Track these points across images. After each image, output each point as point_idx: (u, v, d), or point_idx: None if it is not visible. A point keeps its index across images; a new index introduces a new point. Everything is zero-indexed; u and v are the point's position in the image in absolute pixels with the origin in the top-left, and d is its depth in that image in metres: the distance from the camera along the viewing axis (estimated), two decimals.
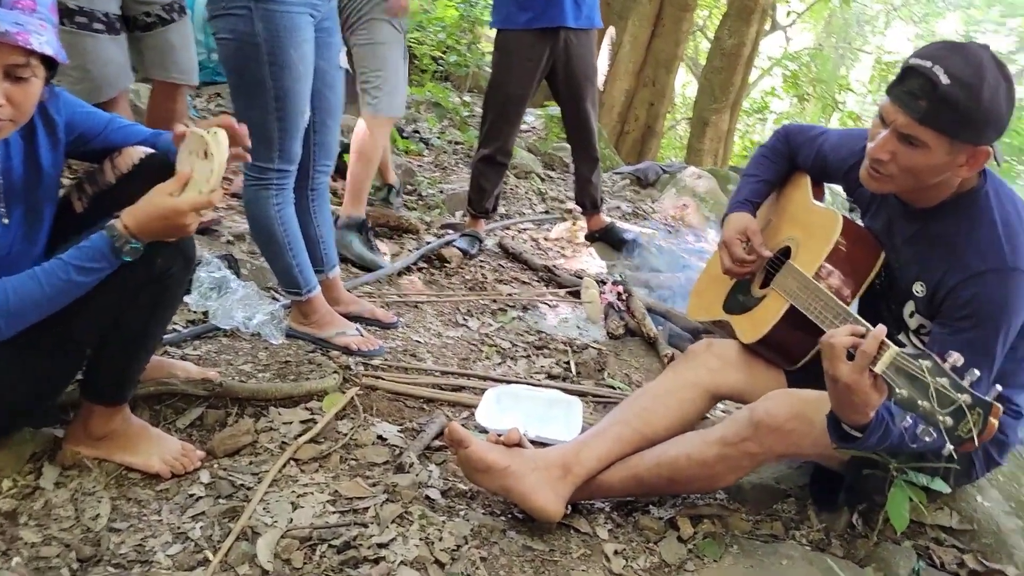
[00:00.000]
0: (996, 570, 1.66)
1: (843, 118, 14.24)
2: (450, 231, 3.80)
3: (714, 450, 1.65)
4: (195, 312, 2.41)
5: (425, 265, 3.33)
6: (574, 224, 4.25)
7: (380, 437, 1.97)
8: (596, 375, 2.61)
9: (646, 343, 2.85)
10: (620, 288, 3.02)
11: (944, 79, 1.39)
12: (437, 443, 2.00)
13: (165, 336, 2.15)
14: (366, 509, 1.68)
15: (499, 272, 3.46)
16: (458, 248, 3.47)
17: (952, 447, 1.18)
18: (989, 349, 1.48)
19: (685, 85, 16.22)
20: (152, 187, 1.43)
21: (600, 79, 9.47)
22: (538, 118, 7.31)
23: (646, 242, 3.94)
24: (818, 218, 1.81)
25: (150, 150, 1.62)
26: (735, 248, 1.88)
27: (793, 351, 1.77)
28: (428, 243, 3.59)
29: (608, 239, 3.88)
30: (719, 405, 2.24)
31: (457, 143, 5.74)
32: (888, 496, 1.58)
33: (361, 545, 1.56)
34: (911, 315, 1.66)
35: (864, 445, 1.45)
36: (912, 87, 1.43)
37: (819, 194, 1.92)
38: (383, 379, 2.23)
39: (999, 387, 1.20)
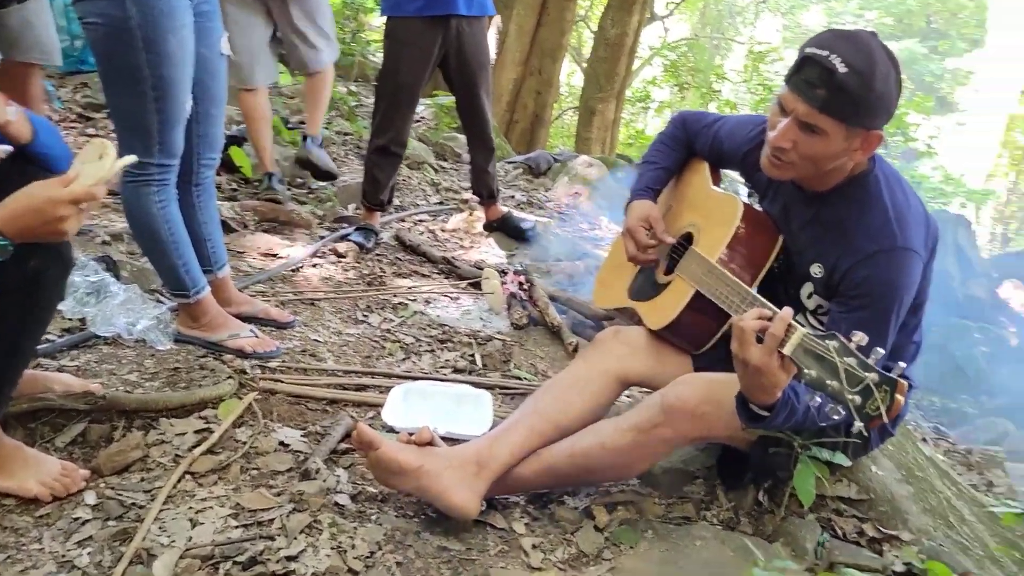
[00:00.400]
0: (892, 536, 1.74)
1: (720, 106, 14.78)
2: (344, 224, 3.69)
3: (628, 438, 1.65)
4: (71, 320, 2.23)
5: (320, 261, 3.22)
6: (471, 214, 4.21)
7: (282, 443, 1.88)
8: (502, 366, 2.59)
9: (550, 332, 2.85)
10: (522, 278, 3.00)
11: (841, 67, 1.43)
12: (344, 446, 1.92)
13: (39, 347, 1.98)
14: (271, 521, 1.59)
15: (397, 265, 3.38)
16: (354, 242, 3.37)
17: (862, 424, 1.22)
18: (884, 326, 1.54)
19: (570, 74, 16.44)
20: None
21: None
22: (428, 108, 7.22)
23: (543, 230, 3.95)
24: (718, 204, 1.84)
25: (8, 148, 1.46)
26: (639, 235, 1.89)
27: (699, 335, 1.79)
28: (322, 238, 3.47)
29: (506, 228, 3.86)
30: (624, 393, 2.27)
31: (346, 134, 5.58)
32: (794, 472, 1.62)
33: (268, 559, 1.47)
34: (809, 296, 1.71)
35: (772, 424, 1.48)
36: (810, 76, 1.47)
37: (717, 180, 1.95)
38: (282, 382, 2.13)
39: (903, 364, 1.24)
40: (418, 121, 7.05)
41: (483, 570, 1.57)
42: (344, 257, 3.23)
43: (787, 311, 1.35)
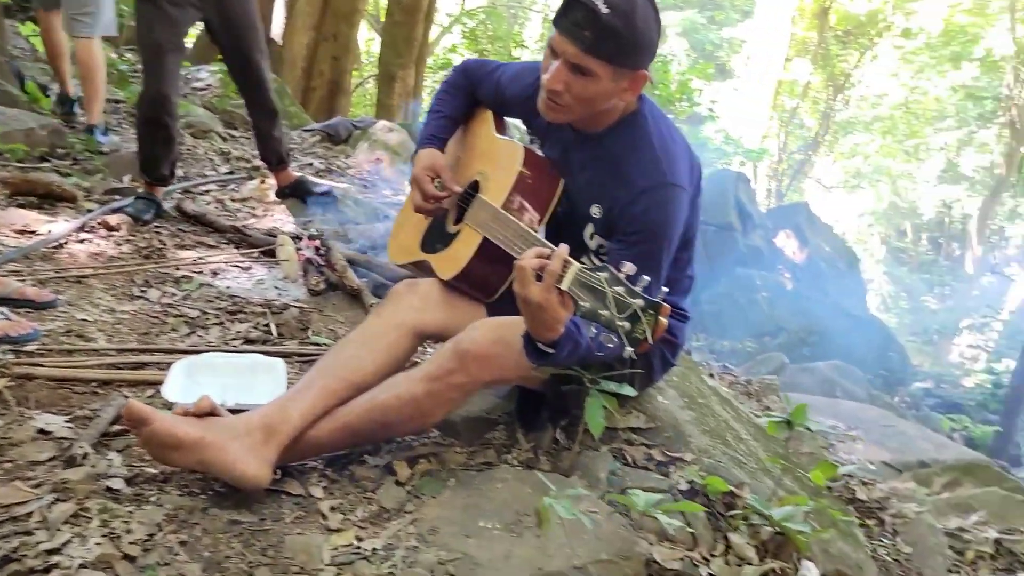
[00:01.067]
0: (677, 458, 1.85)
1: None
2: (117, 197, 3.37)
3: (422, 387, 1.63)
4: None
5: (88, 236, 2.92)
6: (262, 182, 4.00)
7: (42, 431, 1.68)
8: (300, 334, 2.48)
9: (350, 296, 2.77)
10: (318, 243, 2.89)
11: (604, 8, 1.46)
12: (117, 428, 1.75)
13: None
14: (29, 515, 1.41)
15: (180, 237, 3.14)
16: (128, 214, 3.08)
17: (631, 349, 1.27)
18: (657, 259, 1.61)
19: (369, 41, 16.05)
20: None
21: (277, 32, 9.01)
22: (213, 74, 6.78)
23: (342, 195, 3.82)
24: (502, 151, 1.85)
25: None
26: (425, 185, 1.86)
27: (490, 283, 1.79)
28: (89, 211, 3.14)
29: (299, 194, 3.69)
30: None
31: (118, 101, 5.11)
32: (585, 406, 1.67)
33: (25, 556, 1.31)
34: (591, 237, 1.76)
35: (558, 359, 1.52)
36: (576, 18, 1.49)
37: (502, 128, 1.95)
38: (41, 366, 1.91)
39: (666, 289, 1.30)
40: (204, 89, 6.62)
41: (277, 539, 1.49)
42: (117, 230, 2.95)
43: (563, 248, 1.37)
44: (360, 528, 1.56)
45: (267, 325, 2.49)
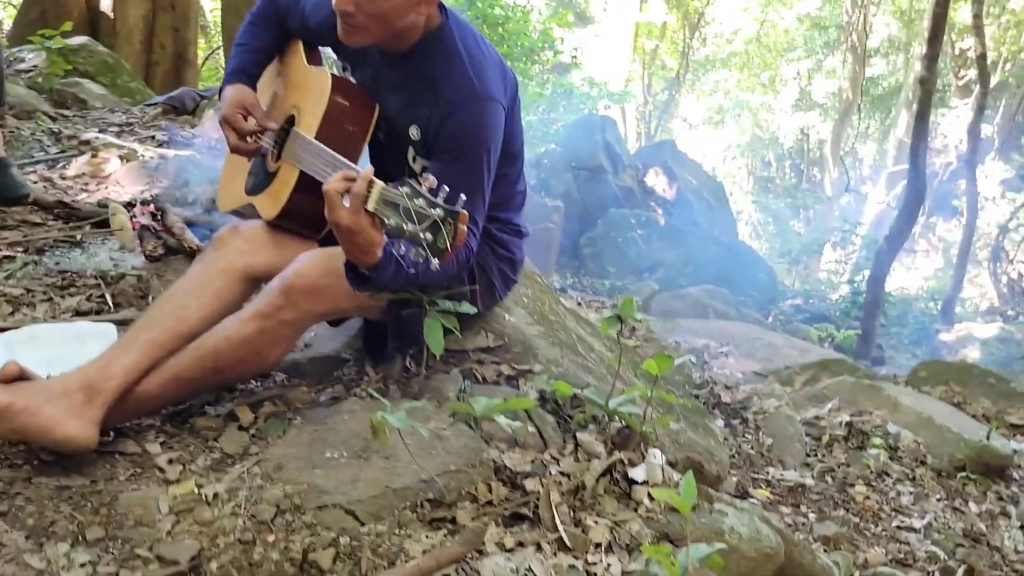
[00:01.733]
0: (526, 370, 1.88)
1: None
2: None
3: (252, 326, 1.58)
4: None
5: None
6: (94, 155, 3.75)
7: None
8: (139, 302, 2.36)
9: (190, 258, 2.64)
10: (152, 207, 2.74)
11: None
12: None
13: None
14: None
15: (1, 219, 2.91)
16: None
17: (436, 261, 1.28)
18: (477, 175, 1.61)
19: (213, 11, 15.25)
20: None
21: (107, 3, 8.43)
22: (37, 54, 6.30)
23: (180, 163, 3.64)
24: (312, 80, 1.79)
25: None
26: (237, 123, 1.78)
27: (314, 218, 1.74)
28: None
29: None
30: None
31: None
32: (424, 328, 1.67)
33: None
34: (414, 159, 1.74)
35: (382, 283, 1.50)
36: None
37: (314, 58, 1.89)
38: None
39: (463, 197, 1.30)
40: (30, 71, 6.15)
41: (111, 497, 1.43)
42: None
43: (367, 169, 1.36)
44: (201, 476, 1.51)
45: (101, 296, 2.35)
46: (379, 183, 1.33)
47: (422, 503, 1.44)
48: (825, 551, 2.16)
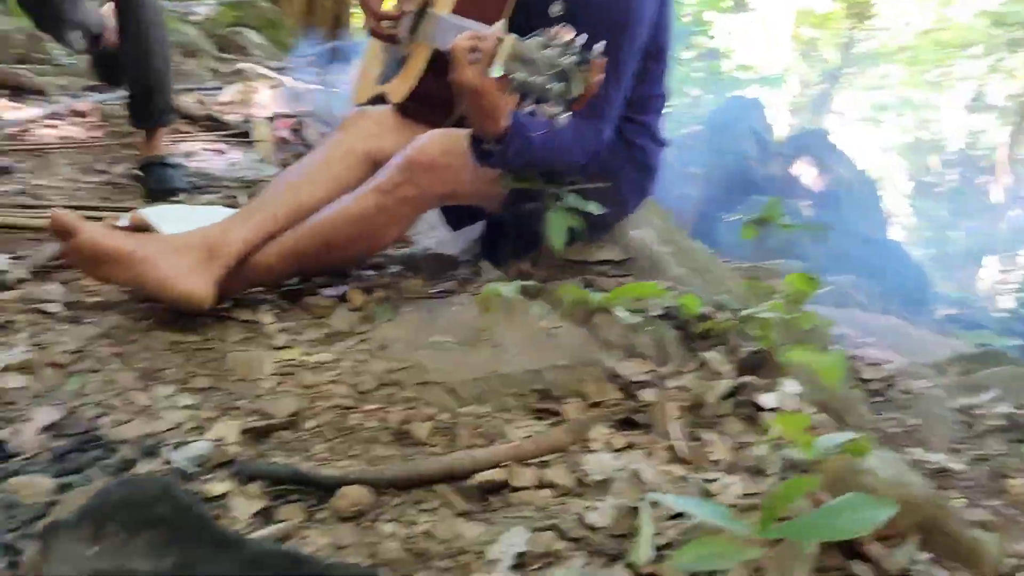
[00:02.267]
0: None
1: None
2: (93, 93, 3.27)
3: (370, 201, 1.53)
4: None
5: (56, 122, 2.83)
6: (246, 84, 3.88)
7: None
8: None
9: None
10: (292, 122, 2.78)
11: None
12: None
13: None
14: None
15: None
16: (99, 102, 2.99)
17: (566, 115, 1.18)
18: (618, 52, 1.48)
19: None
20: None
21: None
22: (210, 7, 6.69)
23: (323, 93, 3.71)
24: None
25: None
26: (373, 3, 1.74)
27: (444, 100, 1.68)
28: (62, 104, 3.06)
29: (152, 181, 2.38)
30: None
31: None
32: (546, 222, 1.57)
33: None
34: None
35: (506, 157, 1.41)
36: None
37: None
38: None
39: (601, 46, 1.18)
40: (201, 20, 6.51)
41: (220, 355, 1.42)
42: (86, 116, 2.86)
43: (497, 25, 1.26)
44: (308, 346, 1.48)
45: (234, 197, 2.40)
46: (510, 37, 1.24)
47: (527, 392, 1.35)
48: None
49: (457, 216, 1.86)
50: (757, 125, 11.46)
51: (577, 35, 1.20)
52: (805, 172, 12.27)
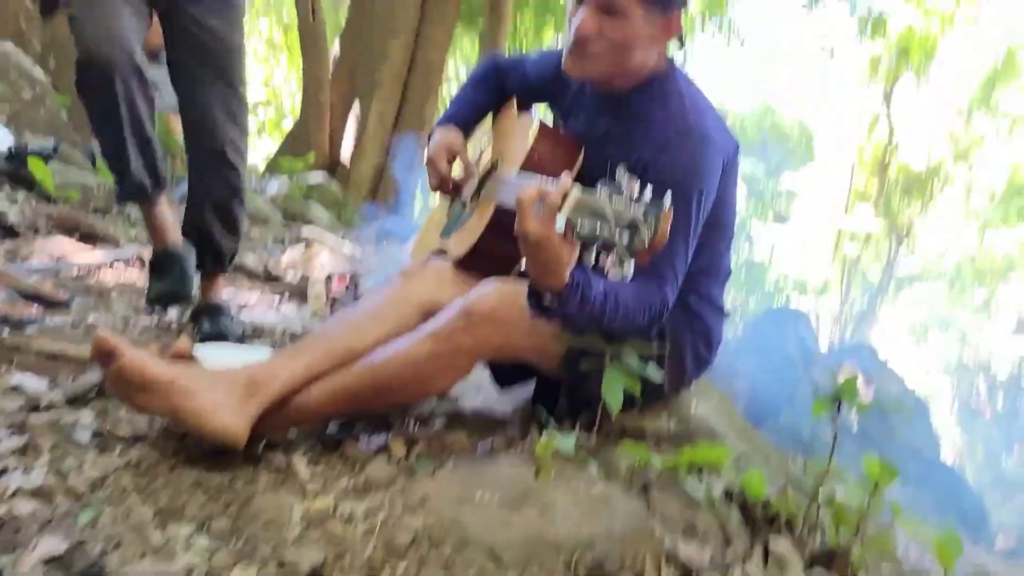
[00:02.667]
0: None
1: None
2: None
3: (425, 347, 1.48)
4: None
5: (122, 267, 2.91)
6: (309, 248, 4.01)
7: (14, 388, 1.56)
8: None
9: None
10: (347, 280, 2.82)
11: None
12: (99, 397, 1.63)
13: None
14: None
15: None
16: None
17: (631, 264, 1.14)
18: (683, 217, 1.47)
19: None
20: None
21: (346, 155, 9.45)
22: (281, 182, 7.08)
23: (382, 255, 3.79)
24: (519, 126, 1.78)
25: None
26: (440, 162, 1.79)
27: (506, 256, 1.67)
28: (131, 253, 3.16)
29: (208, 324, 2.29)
30: None
31: None
32: (603, 382, 1.49)
33: None
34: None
35: (566, 312, 1.36)
36: None
37: (526, 111, 1.89)
38: (35, 339, 1.82)
39: (669, 198, 1.16)
40: (274, 195, 6.88)
41: (245, 498, 1.31)
42: None
43: (565, 177, 1.26)
44: (341, 495, 1.37)
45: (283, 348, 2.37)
46: (576, 187, 1.23)
47: (577, 562, 1.21)
48: None
49: (507, 373, 1.79)
50: (803, 333, 11.40)
51: (644, 188, 1.19)
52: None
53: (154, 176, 2.08)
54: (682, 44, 1.61)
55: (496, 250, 1.66)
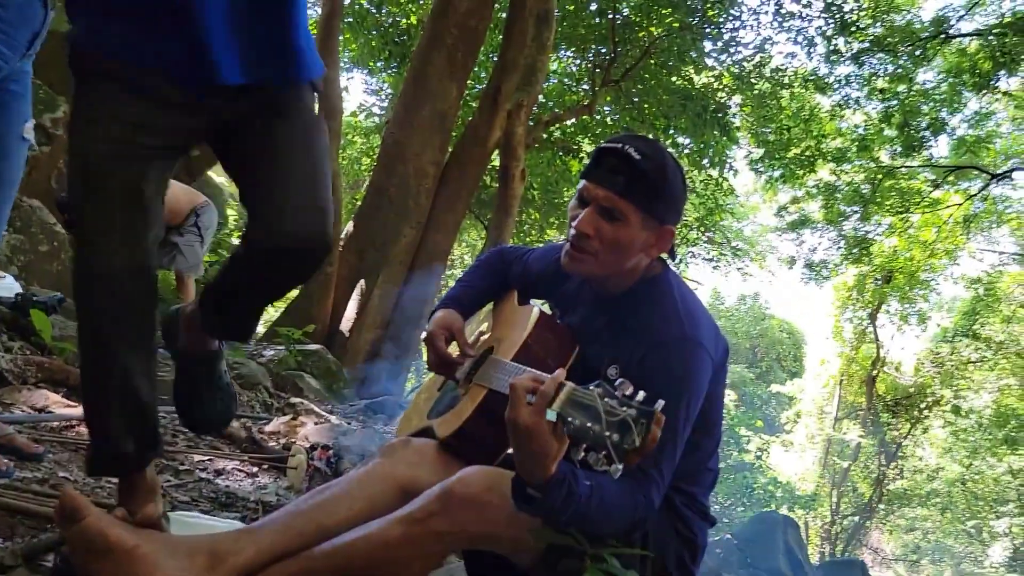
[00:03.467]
0: None
1: None
2: None
3: (398, 530, 1.43)
4: None
5: None
6: (294, 418, 3.96)
7: None
8: None
9: None
10: (330, 452, 2.77)
11: (636, 155, 1.52)
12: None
13: None
14: None
15: (194, 441, 3.05)
16: None
17: (621, 466, 1.14)
18: (672, 420, 1.47)
19: None
20: None
21: (347, 325, 9.57)
22: (276, 351, 7.12)
23: (368, 431, 3.74)
24: (519, 316, 1.83)
25: None
26: (438, 342, 1.82)
27: (490, 445, 1.65)
28: None
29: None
30: None
31: None
32: None
33: None
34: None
35: (549, 505, 1.33)
36: (610, 164, 1.54)
37: (525, 303, 1.95)
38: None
39: (661, 403, 1.18)
40: (268, 362, 6.89)
41: None
42: None
43: (560, 372, 1.29)
44: None
45: (254, 518, 2.29)
46: (570, 384, 1.25)
47: None
48: None
49: (482, 568, 1.71)
50: (792, 542, 10.99)
51: (637, 391, 1.21)
52: None
53: (144, 442, 1.59)
54: (673, 257, 1.69)
55: (483, 435, 1.65)
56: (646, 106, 10.74)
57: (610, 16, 11.44)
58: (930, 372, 19.57)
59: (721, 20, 10.45)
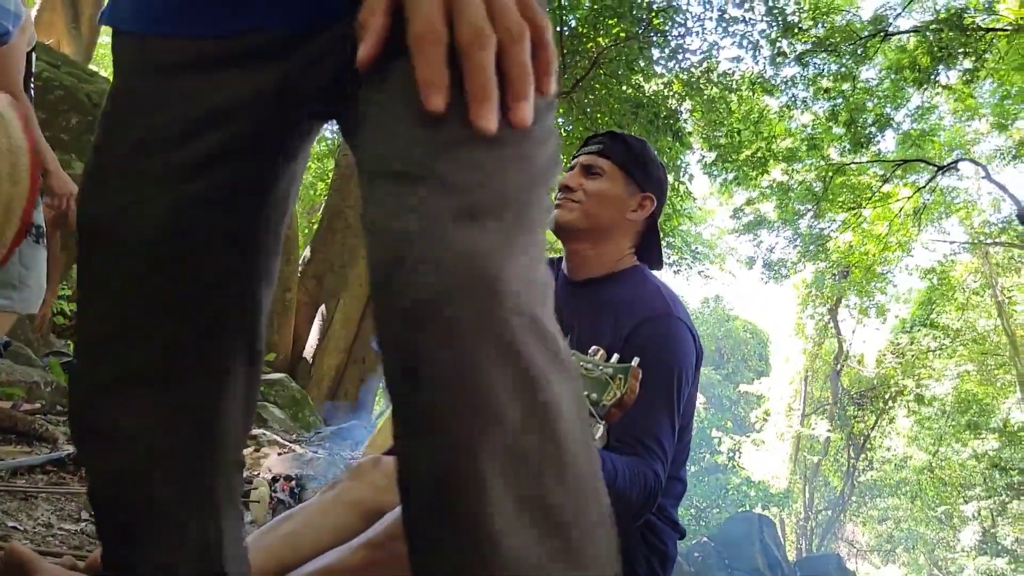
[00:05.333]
0: None
1: None
2: None
3: (359, 555, 1.39)
4: None
5: (54, 469, 2.76)
6: (256, 450, 3.88)
7: None
8: None
9: None
10: (292, 483, 2.70)
11: (618, 132, 1.68)
12: None
13: None
14: None
15: None
16: None
17: (603, 426, 1.13)
18: (665, 394, 1.47)
19: None
20: None
21: (309, 351, 9.45)
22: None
23: (331, 457, 3.67)
24: None
25: None
26: None
27: None
28: (68, 454, 3.02)
29: None
30: None
31: None
32: None
33: None
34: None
35: None
36: (594, 140, 1.72)
37: None
38: None
39: (638, 359, 1.20)
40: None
41: None
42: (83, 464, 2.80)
43: None
44: None
45: None
46: None
47: None
48: None
49: None
50: (769, 541, 11.08)
51: (611, 357, 1.22)
52: None
53: None
54: (660, 265, 1.74)
55: None
56: (598, 116, 10.82)
57: (557, 29, 11.54)
58: (892, 363, 19.92)
59: (667, 28, 10.58)
